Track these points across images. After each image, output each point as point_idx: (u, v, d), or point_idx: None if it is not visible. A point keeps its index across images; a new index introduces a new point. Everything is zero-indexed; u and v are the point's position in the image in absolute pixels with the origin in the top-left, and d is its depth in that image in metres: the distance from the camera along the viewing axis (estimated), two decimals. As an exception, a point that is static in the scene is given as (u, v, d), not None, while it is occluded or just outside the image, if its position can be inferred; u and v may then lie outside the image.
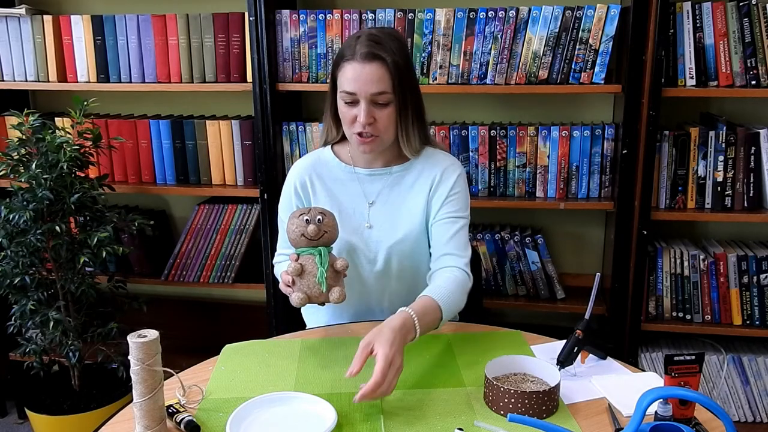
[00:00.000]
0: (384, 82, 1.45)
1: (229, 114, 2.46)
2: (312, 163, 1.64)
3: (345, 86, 1.47)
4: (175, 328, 2.58)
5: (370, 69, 1.44)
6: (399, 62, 1.46)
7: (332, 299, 1.33)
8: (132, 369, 1.04)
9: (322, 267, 1.32)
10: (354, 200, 1.60)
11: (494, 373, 1.22)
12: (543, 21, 1.98)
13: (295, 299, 1.32)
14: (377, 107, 1.47)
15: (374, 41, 1.46)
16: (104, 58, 2.26)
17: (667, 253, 2.10)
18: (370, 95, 1.45)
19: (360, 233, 1.58)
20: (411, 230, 1.56)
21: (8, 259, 2.02)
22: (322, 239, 1.36)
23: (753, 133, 1.97)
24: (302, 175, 1.62)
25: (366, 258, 1.58)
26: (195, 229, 2.38)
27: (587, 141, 2.08)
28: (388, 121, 1.49)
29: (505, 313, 2.46)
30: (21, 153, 2.02)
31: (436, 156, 1.61)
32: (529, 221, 2.37)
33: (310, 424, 1.12)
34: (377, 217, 1.58)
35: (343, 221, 1.56)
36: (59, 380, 2.26)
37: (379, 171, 1.60)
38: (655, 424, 0.97)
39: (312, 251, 1.35)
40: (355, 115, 1.47)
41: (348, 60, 1.46)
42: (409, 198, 1.59)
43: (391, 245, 1.56)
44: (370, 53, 1.44)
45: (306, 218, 1.35)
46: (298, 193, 1.62)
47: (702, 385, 2.15)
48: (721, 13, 1.91)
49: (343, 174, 1.62)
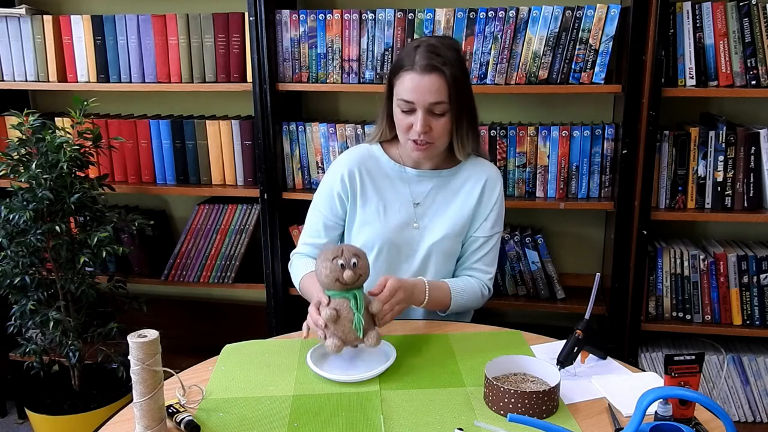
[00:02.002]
0: (442, 93, 1.48)
1: (229, 114, 2.46)
2: (361, 155, 1.66)
3: (403, 95, 1.50)
4: (175, 328, 2.58)
5: (429, 80, 1.47)
6: (457, 74, 1.50)
7: (368, 344, 1.29)
8: (132, 369, 1.04)
9: (358, 312, 1.28)
10: (401, 198, 1.63)
11: (494, 373, 1.22)
12: (543, 21, 1.98)
13: (330, 345, 1.27)
14: (433, 117, 1.51)
15: (433, 52, 1.48)
16: (104, 58, 2.26)
17: (667, 253, 2.10)
18: (428, 104, 1.49)
19: (405, 232, 1.62)
20: (453, 230, 1.61)
21: (8, 259, 2.02)
22: (357, 282, 1.29)
23: (753, 133, 1.97)
24: (351, 166, 1.64)
25: (405, 255, 1.62)
26: (195, 229, 2.38)
27: (587, 141, 2.08)
28: (443, 130, 1.53)
29: (505, 313, 2.46)
30: (21, 153, 2.02)
31: (484, 163, 1.67)
32: (529, 221, 2.37)
33: (377, 357, 1.34)
34: (423, 218, 1.62)
35: (389, 218, 1.61)
36: (59, 380, 2.26)
37: (427, 173, 1.64)
38: (655, 424, 0.97)
39: (346, 295, 1.29)
40: (411, 123, 1.51)
41: (407, 70, 1.49)
42: (454, 202, 1.63)
43: (433, 243, 1.60)
44: (430, 65, 1.47)
45: (340, 262, 1.27)
46: (344, 182, 1.63)
47: (702, 385, 2.15)
48: (721, 13, 1.91)
49: (392, 172, 1.65)
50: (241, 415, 1.16)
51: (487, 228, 1.65)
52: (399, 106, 1.52)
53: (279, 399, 1.21)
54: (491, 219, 1.65)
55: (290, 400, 1.21)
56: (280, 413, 1.17)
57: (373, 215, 1.62)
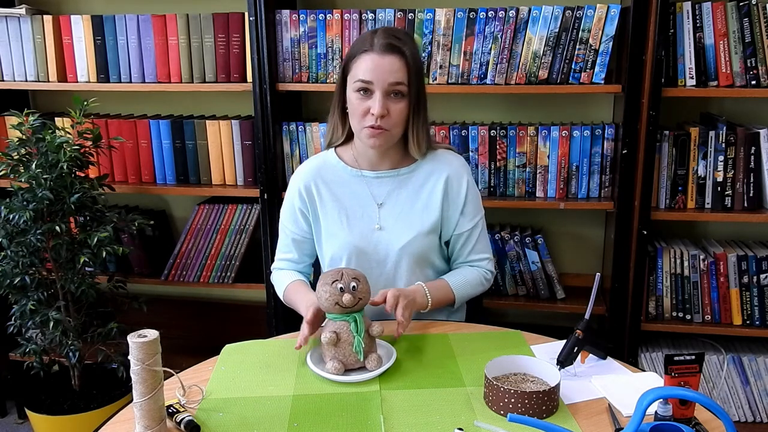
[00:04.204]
0: (402, 73, 1.46)
1: (229, 114, 2.46)
2: (316, 167, 1.64)
3: (361, 75, 1.47)
4: (175, 328, 2.58)
5: (390, 60, 1.46)
6: (416, 57, 1.49)
7: (369, 367, 1.29)
8: (132, 369, 1.04)
9: (358, 336, 1.27)
10: (362, 202, 1.60)
11: (494, 373, 1.22)
12: (543, 21, 1.98)
13: (330, 368, 1.27)
14: (391, 100, 1.48)
15: (393, 35, 1.48)
16: (104, 58, 2.26)
17: (667, 253, 2.10)
18: (387, 85, 1.46)
19: (369, 236, 1.58)
20: (421, 231, 1.57)
21: (8, 259, 2.02)
22: (357, 305, 1.29)
23: (753, 133, 1.97)
24: (307, 180, 1.62)
25: (375, 260, 1.58)
26: (195, 229, 2.38)
27: (587, 141, 2.08)
28: (400, 115, 1.50)
29: (505, 313, 2.46)
30: (21, 153, 2.02)
31: (443, 156, 1.62)
32: (529, 221, 2.37)
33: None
34: (387, 219, 1.59)
35: (352, 224, 1.57)
36: (59, 380, 2.26)
37: (385, 173, 1.60)
38: (655, 424, 0.97)
39: (346, 318, 1.29)
40: (368, 107, 1.47)
41: (366, 51, 1.47)
42: (419, 199, 1.59)
43: (402, 246, 1.56)
44: (390, 44, 1.46)
45: (340, 286, 1.27)
46: (302, 198, 1.61)
47: (702, 385, 2.15)
48: (721, 13, 1.91)
49: (350, 177, 1.61)
50: (241, 415, 1.16)
51: (466, 222, 1.61)
52: (356, 88, 1.48)
53: (279, 399, 1.21)
54: (468, 213, 1.61)
55: (290, 400, 1.21)
56: (280, 413, 1.17)
57: (337, 225, 1.59)
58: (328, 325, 1.31)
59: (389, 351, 1.34)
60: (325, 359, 1.30)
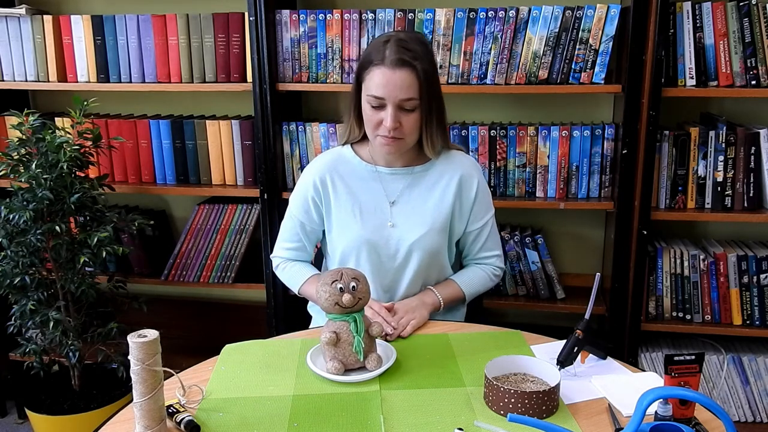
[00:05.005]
0: (413, 89, 1.47)
1: (229, 114, 2.46)
2: (332, 160, 1.66)
3: (373, 90, 1.48)
4: (175, 328, 2.59)
5: (400, 75, 1.46)
6: (427, 69, 1.49)
7: (369, 367, 1.29)
8: (132, 369, 1.04)
9: (358, 336, 1.28)
10: (375, 198, 1.62)
11: (494, 373, 1.22)
12: (543, 21, 1.98)
13: (330, 368, 1.27)
14: (403, 112, 1.50)
15: (404, 47, 1.47)
16: (104, 58, 2.26)
17: (667, 253, 2.10)
18: (399, 100, 1.48)
19: (382, 231, 1.61)
20: (432, 228, 1.61)
21: (8, 259, 2.02)
22: (357, 305, 1.29)
23: (753, 133, 1.97)
24: (322, 172, 1.64)
25: (386, 255, 1.62)
26: (195, 229, 2.38)
27: (587, 141, 2.08)
28: (413, 126, 1.52)
29: (505, 313, 2.46)
30: (21, 153, 2.02)
31: (456, 156, 1.66)
32: (529, 221, 2.37)
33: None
34: (399, 216, 1.61)
35: (365, 218, 1.60)
36: (59, 380, 2.26)
37: (400, 170, 1.63)
38: (655, 424, 0.97)
39: (346, 318, 1.29)
40: (381, 119, 1.50)
41: (377, 64, 1.48)
42: (431, 197, 1.62)
43: (413, 242, 1.59)
44: (401, 60, 1.46)
45: (339, 286, 1.27)
46: (317, 189, 1.63)
47: (702, 385, 2.15)
48: (721, 13, 1.91)
49: (365, 172, 1.64)
50: (241, 415, 1.16)
51: (477, 220, 1.66)
52: (369, 102, 1.51)
53: (279, 399, 1.21)
54: (477, 212, 1.65)
55: (290, 400, 1.21)
56: (280, 413, 1.17)
57: (350, 218, 1.61)
58: (327, 325, 1.31)
59: (389, 351, 1.34)
60: (325, 359, 1.30)
